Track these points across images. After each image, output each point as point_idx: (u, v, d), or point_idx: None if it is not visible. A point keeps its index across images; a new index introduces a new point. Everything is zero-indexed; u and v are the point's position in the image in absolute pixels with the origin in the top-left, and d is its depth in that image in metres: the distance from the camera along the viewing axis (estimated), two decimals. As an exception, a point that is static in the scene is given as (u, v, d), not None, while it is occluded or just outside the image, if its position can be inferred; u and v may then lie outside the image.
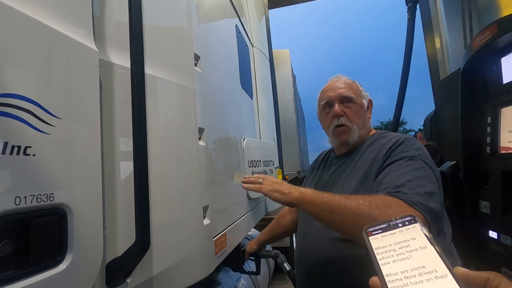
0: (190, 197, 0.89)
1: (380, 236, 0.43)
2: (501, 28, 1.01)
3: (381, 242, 0.42)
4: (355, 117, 1.00)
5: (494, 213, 1.10)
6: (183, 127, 0.92)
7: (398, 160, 0.83)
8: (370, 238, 0.43)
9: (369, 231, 0.44)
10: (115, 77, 0.74)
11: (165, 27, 0.93)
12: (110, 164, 0.71)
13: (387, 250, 0.40)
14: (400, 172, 0.79)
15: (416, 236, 0.41)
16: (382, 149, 0.91)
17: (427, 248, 0.39)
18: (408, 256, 0.38)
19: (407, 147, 0.86)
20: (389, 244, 0.41)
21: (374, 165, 0.89)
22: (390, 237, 0.42)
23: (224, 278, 1.61)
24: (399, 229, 0.43)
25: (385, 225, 0.44)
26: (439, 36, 1.76)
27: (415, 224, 0.42)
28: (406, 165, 0.81)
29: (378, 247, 0.41)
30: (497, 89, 1.13)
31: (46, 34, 0.53)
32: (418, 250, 0.39)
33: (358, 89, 1.05)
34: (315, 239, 0.95)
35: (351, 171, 0.96)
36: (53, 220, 0.51)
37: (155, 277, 0.77)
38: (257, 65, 2.33)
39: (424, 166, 0.82)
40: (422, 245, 0.39)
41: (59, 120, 0.53)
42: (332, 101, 1.03)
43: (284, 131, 3.67)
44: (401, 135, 0.94)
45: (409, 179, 0.76)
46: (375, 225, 0.45)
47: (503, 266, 1.05)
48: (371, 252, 0.41)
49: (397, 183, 0.76)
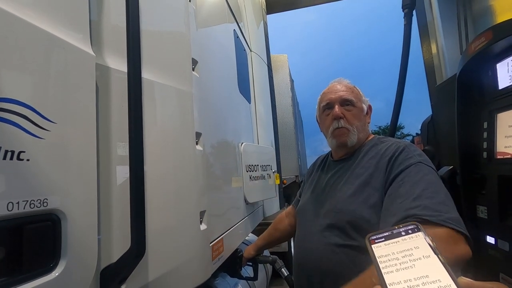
0: (186, 202, 0.89)
1: (383, 244, 0.43)
2: (496, 34, 1.02)
3: (384, 250, 0.42)
4: (354, 120, 1.00)
5: (492, 218, 1.10)
6: (180, 132, 0.91)
7: (405, 168, 0.82)
8: (373, 246, 0.43)
9: (372, 239, 0.44)
10: (112, 82, 0.74)
11: (162, 32, 0.93)
12: (105, 169, 0.70)
13: (390, 258, 0.40)
14: (414, 184, 0.77)
15: (420, 245, 0.40)
16: (383, 157, 0.90)
17: (430, 257, 0.38)
18: (412, 265, 0.38)
19: (409, 154, 0.86)
20: (392, 253, 0.41)
21: (376, 174, 0.88)
22: (393, 246, 0.42)
23: (221, 284, 1.59)
24: (402, 237, 0.42)
25: (388, 233, 0.44)
26: (435, 42, 1.78)
27: (419, 233, 0.42)
28: (417, 171, 0.79)
29: (381, 255, 0.41)
30: (493, 95, 1.14)
31: (43, 39, 0.53)
32: (421, 259, 0.38)
33: (359, 94, 1.06)
34: (314, 245, 0.94)
35: (350, 177, 0.95)
36: (47, 226, 0.50)
37: (150, 283, 0.76)
38: (255, 69, 2.34)
39: (431, 171, 0.81)
40: (426, 254, 0.39)
41: (54, 124, 0.52)
42: (332, 103, 1.03)
43: (282, 136, 3.68)
44: (400, 141, 0.94)
45: (428, 194, 0.74)
46: (378, 233, 0.44)
47: (501, 272, 1.04)
48: (374, 261, 0.41)
49: (417, 201, 0.73)
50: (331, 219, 0.92)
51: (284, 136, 3.91)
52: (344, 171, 1.00)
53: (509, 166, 1.03)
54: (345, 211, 0.89)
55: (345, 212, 0.88)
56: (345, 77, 1.10)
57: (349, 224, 0.86)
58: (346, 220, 0.87)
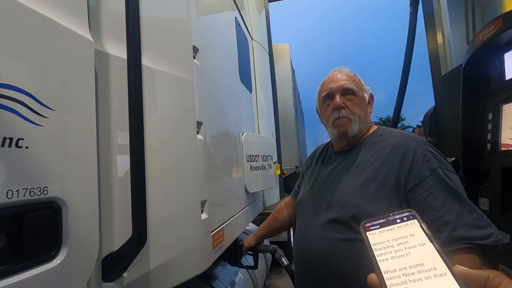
0: (187, 191, 0.88)
1: (378, 231, 0.42)
2: (506, 23, 0.99)
3: (379, 237, 0.41)
4: (356, 110, 0.97)
5: (493, 210, 1.10)
6: (181, 121, 0.90)
7: (426, 177, 0.80)
8: (368, 234, 0.42)
9: (366, 227, 0.43)
10: (112, 69, 0.73)
11: (163, 19, 0.91)
12: (106, 157, 0.70)
13: (385, 246, 0.39)
14: (442, 201, 0.77)
15: (415, 232, 0.40)
16: (392, 151, 0.87)
17: (426, 245, 0.38)
18: (407, 253, 0.38)
19: (427, 155, 0.83)
20: (387, 240, 0.40)
21: (384, 169, 0.86)
22: (388, 233, 0.41)
23: (222, 272, 1.61)
24: (397, 224, 0.42)
25: (383, 220, 0.43)
26: (441, 31, 1.74)
27: (414, 220, 0.41)
28: (439, 186, 0.78)
29: (376, 242, 0.40)
30: (500, 85, 1.12)
31: (39, 23, 0.51)
32: (417, 247, 0.38)
33: (360, 82, 1.03)
34: (316, 238, 0.93)
35: (355, 170, 0.92)
36: (47, 214, 0.50)
37: (152, 272, 0.76)
38: (256, 58, 2.31)
39: (452, 176, 0.81)
40: (421, 242, 0.38)
41: (53, 111, 0.51)
42: (333, 93, 1.00)
43: (283, 126, 3.66)
44: (408, 135, 0.91)
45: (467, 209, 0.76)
46: (372, 220, 0.44)
47: (500, 263, 1.05)
48: (368, 248, 0.40)
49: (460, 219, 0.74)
50: (335, 213, 0.90)
51: (285, 127, 3.89)
52: (348, 163, 0.97)
53: (513, 158, 1.03)
54: (350, 206, 0.87)
55: (350, 207, 0.86)
56: (347, 68, 1.06)
57: (354, 219, 0.85)
58: (350, 215, 0.85)
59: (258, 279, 2.09)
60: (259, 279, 2.11)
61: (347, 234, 0.86)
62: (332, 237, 0.89)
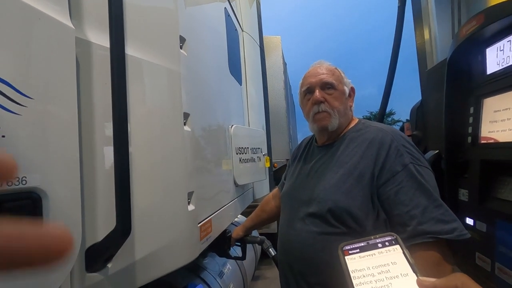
0: (174, 182, 0.88)
1: (357, 256, 0.39)
2: (488, 18, 1.01)
3: (358, 263, 0.38)
4: (336, 104, 0.98)
5: (472, 201, 1.14)
6: (167, 112, 0.89)
7: (401, 170, 0.82)
8: (347, 258, 0.39)
9: (345, 250, 0.40)
10: (94, 57, 0.71)
11: (148, 7, 0.89)
12: (90, 148, 0.69)
13: (364, 274, 0.37)
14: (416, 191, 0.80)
15: (397, 260, 0.38)
16: (369, 146, 0.89)
17: (408, 277, 0.36)
18: (388, 284, 0.35)
19: (400, 150, 0.85)
20: (367, 268, 0.37)
21: (361, 165, 0.87)
22: (369, 259, 0.38)
23: (210, 263, 1.62)
24: (379, 249, 0.39)
25: (363, 243, 0.40)
26: (428, 27, 1.76)
27: (396, 246, 0.39)
28: (408, 180, 0.81)
29: (355, 269, 0.38)
30: (481, 80, 1.15)
31: (16, 8, 0.49)
32: (399, 278, 0.36)
33: (340, 76, 1.03)
34: (297, 231, 0.95)
35: (335, 165, 0.94)
36: (27, 204, 0.49)
37: (137, 262, 0.77)
38: (246, 50, 2.29)
39: (423, 171, 0.82)
40: (404, 272, 0.36)
41: (31, 100, 0.50)
42: (313, 87, 1.00)
43: (274, 119, 3.66)
44: (386, 129, 0.92)
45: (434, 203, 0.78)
46: (352, 243, 0.41)
47: (477, 252, 1.09)
48: (346, 275, 0.37)
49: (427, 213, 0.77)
50: (314, 207, 0.92)
51: (275, 120, 3.89)
52: (328, 158, 0.99)
53: (492, 151, 1.06)
54: (327, 201, 0.89)
55: (326, 202, 0.88)
56: (339, 62, 1.07)
57: (330, 213, 0.87)
58: (327, 209, 0.88)
59: (247, 270, 2.12)
60: (248, 270, 2.14)
61: (323, 228, 0.88)
62: (309, 230, 0.91)
